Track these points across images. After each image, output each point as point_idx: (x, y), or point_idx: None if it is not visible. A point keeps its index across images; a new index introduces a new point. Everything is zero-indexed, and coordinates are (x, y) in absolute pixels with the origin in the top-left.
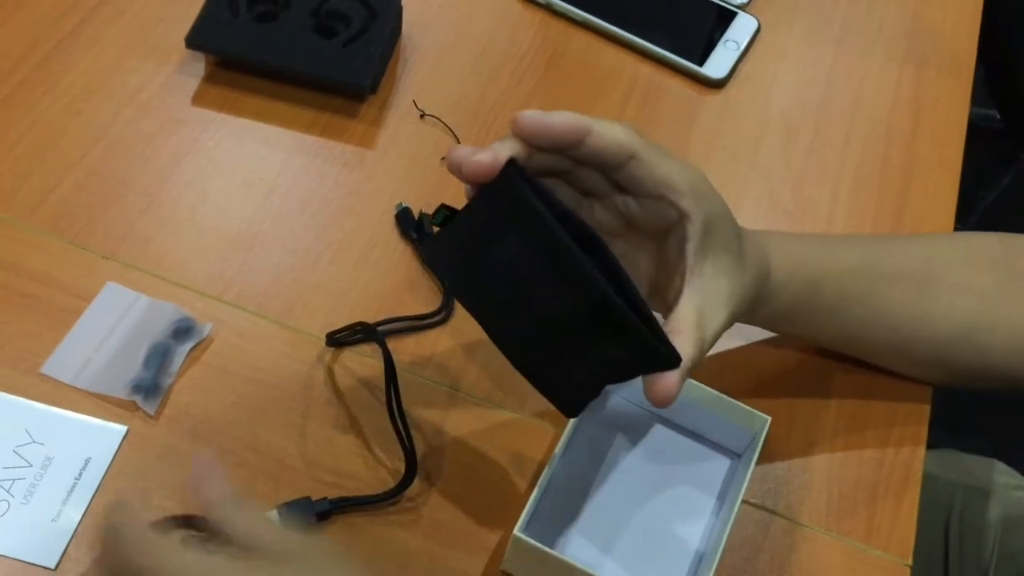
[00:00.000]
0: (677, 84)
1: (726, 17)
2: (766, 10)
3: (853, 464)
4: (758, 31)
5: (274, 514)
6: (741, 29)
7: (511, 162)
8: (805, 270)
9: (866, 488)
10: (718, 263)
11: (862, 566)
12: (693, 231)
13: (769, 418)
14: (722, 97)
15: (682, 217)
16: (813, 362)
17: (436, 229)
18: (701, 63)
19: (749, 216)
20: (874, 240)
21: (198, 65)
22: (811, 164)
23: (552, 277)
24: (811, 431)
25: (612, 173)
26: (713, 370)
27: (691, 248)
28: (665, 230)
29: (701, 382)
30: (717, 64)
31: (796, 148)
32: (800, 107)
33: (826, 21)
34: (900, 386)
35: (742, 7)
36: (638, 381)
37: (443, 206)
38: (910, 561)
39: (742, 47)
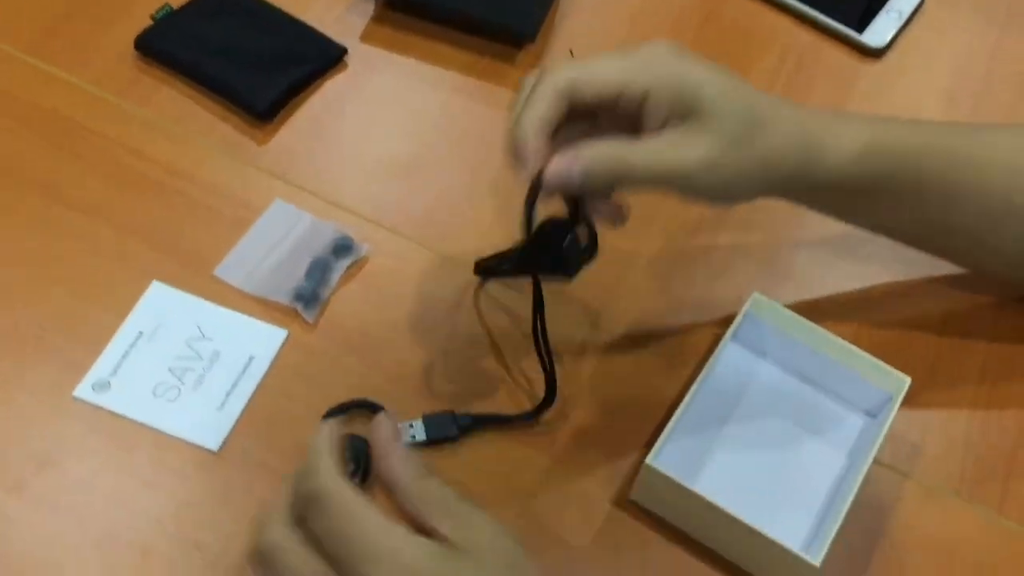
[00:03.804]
0: (834, 51)
1: None
2: None
3: (993, 431)
4: (921, 3)
5: (419, 423)
6: None
7: None
8: (886, 146)
9: (1004, 457)
10: (678, 127)
11: (993, 536)
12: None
13: (909, 379)
14: (880, 67)
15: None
16: (960, 322)
17: None
18: (861, 30)
19: None
20: (963, 125)
21: (367, 6)
22: None
23: None
24: (952, 393)
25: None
26: (854, 325)
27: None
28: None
29: (838, 333)
30: (878, 32)
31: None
32: (961, 82)
33: (992, 2)
34: None
35: None
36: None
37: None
38: None
39: (904, 16)
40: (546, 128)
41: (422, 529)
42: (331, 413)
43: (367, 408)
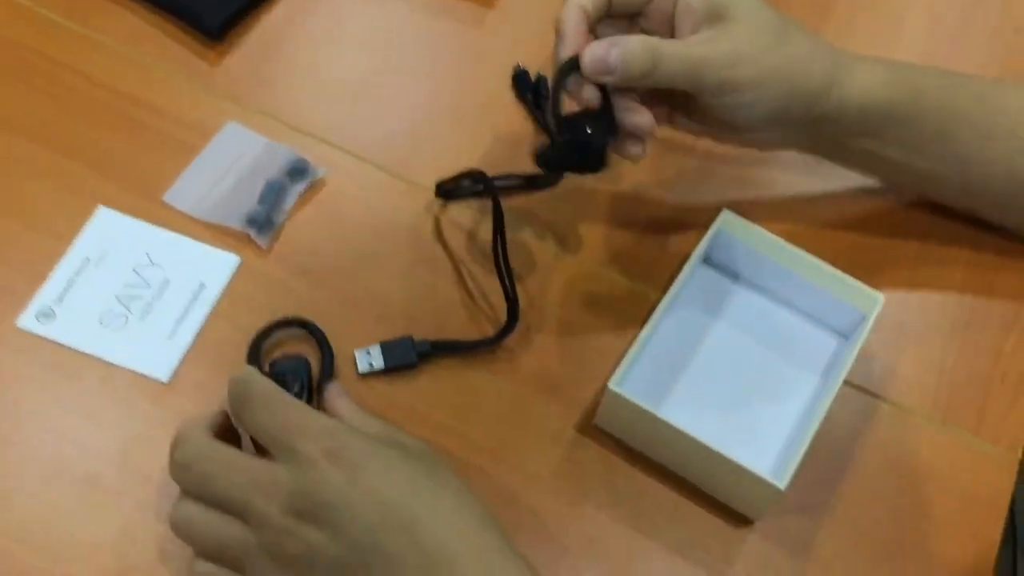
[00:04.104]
0: None
1: None
2: None
3: (969, 353)
4: None
5: (377, 350)
6: None
7: None
8: (910, 79)
9: (980, 379)
10: (708, 27)
11: (968, 457)
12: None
13: (882, 296)
14: None
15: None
16: (938, 241)
17: None
18: None
19: None
20: (989, 80)
21: None
22: (953, 62)
23: None
24: (927, 315)
25: None
26: (827, 245)
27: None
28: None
29: (813, 254)
30: None
31: (939, 43)
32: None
33: None
34: None
35: None
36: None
37: None
38: (1020, 455)
39: None
40: (586, 17)
41: None
42: (262, 334)
43: (299, 327)
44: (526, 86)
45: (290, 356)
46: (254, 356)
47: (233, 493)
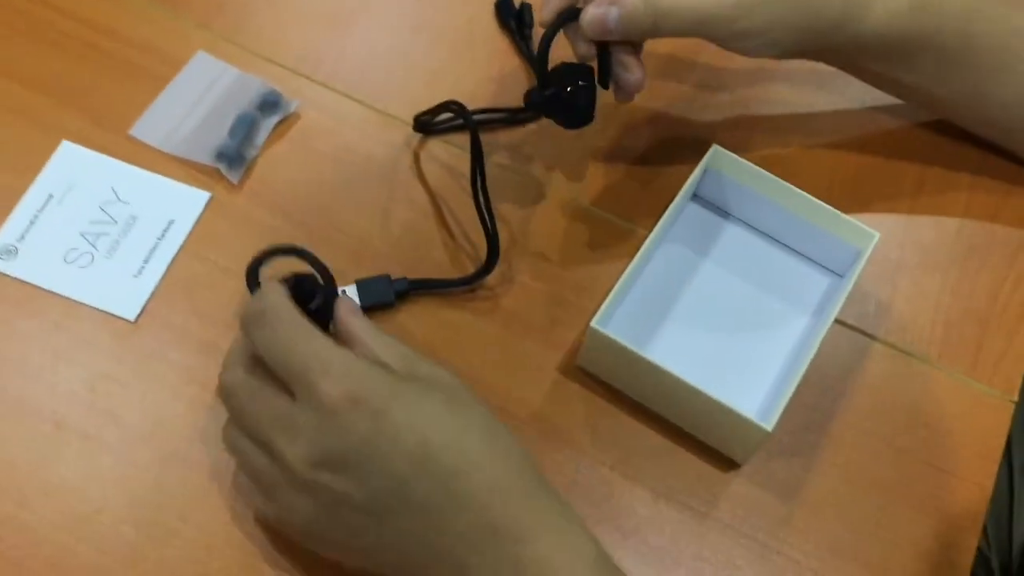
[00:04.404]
0: None
1: None
2: None
3: (965, 294)
4: None
5: (352, 289)
6: None
7: None
8: (929, 8)
9: (976, 320)
10: None
11: (963, 399)
12: None
13: (877, 234)
14: None
15: None
16: (938, 173)
17: None
18: None
19: None
20: None
21: None
22: None
23: None
24: (925, 253)
25: None
26: (822, 187)
27: None
28: None
29: (810, 177)
30: None
31: None
32: None
33: None
34: None
35: None
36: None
37: None
38: (1015, 397)
39: None
40: None
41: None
42: (257, 260)
43: (294, 255)
44: (509, 13)
45: (300, 275)
46: (253, 281)
47: (258, 430)
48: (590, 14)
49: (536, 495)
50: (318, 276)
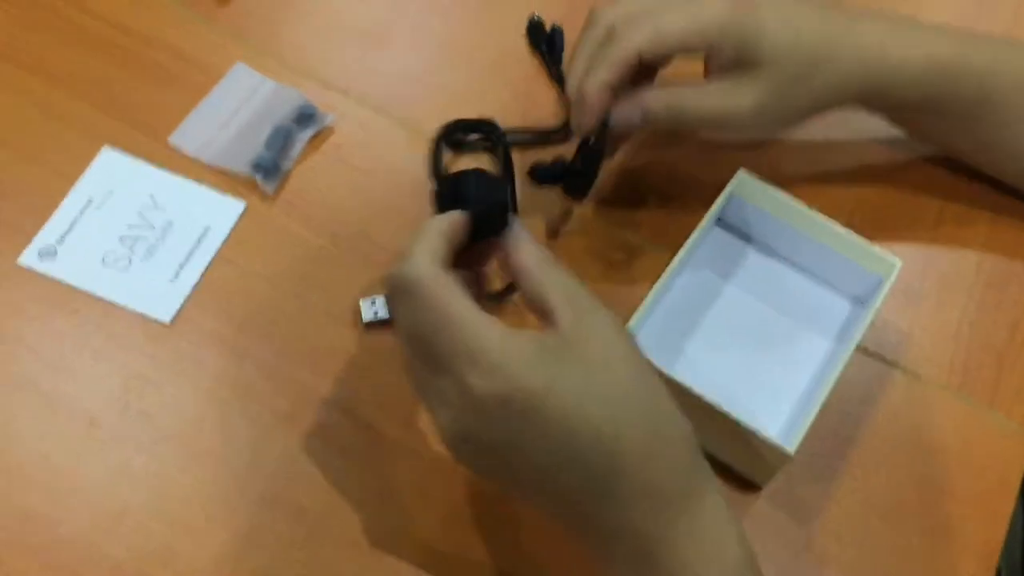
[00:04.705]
0: None
1: None
2: None
3: (986, 324)
4: None
5: (382, 300)
6: None
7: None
8: (948, 65)
9: (995, 351)
10: (735, 75)
11: (981, 429)
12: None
13: (900, 262)
14: None
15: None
16: (961, 199)
17: None
18: None
19: None
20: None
21: None
22: (981, 25)
23: None
24: (945, 284)
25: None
26: (844, 216)
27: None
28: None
29: (833, 207)
30: None
31: (966, 5)
32: None
33: None
34: None
35: None
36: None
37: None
38: None
39: None
40: (609, 94)
41: (542, 313)
42: (444, 133)
43: (483, 130)
44: (540, 37)
45: (468, 173)
46: (437, 160)
47: (414, 383)
48: (616, 117)
49: (685, 495)
50: (495, 178)
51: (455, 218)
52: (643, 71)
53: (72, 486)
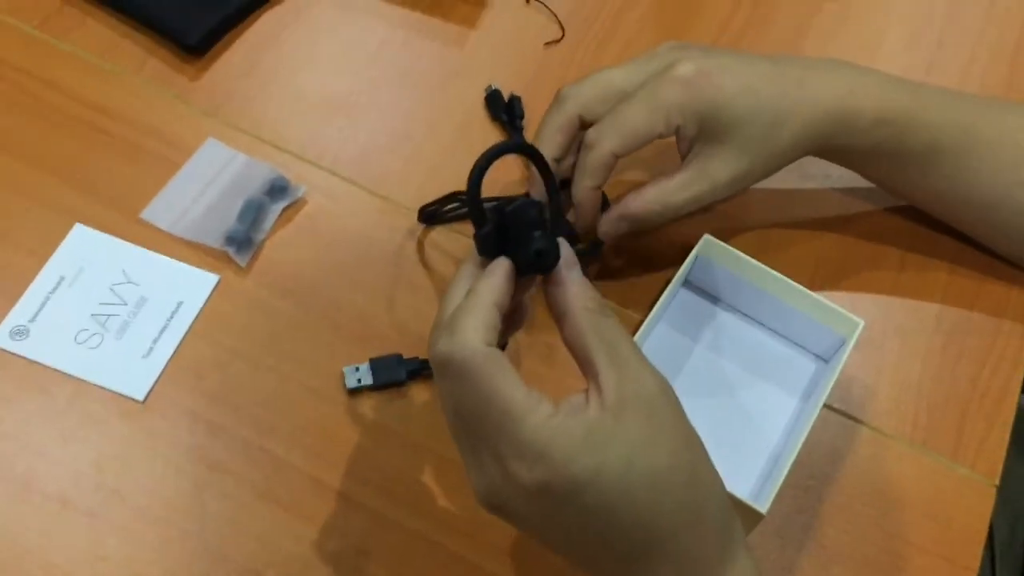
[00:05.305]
0: None
1: None
2: None
3: (947, 378)
4: None
5: (366, 367)
6: None
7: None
8: (898, 118)
9: (958, 404)
10: (705, 151)
11: (946, 482)
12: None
13: (862, 322)
14: (839, 5)
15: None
16: (917, 264)
17: None
18: None
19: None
20: (976, 101)
21: None
22: (932, 77)
23: None
24: (906, 339)
25: None
26: (808, 267)
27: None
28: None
29: (792, 279)
30: None
31: (918, 58)
32: (921, 27)
33: None
34: (1007, 300)
35: None
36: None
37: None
38: (997, 482)
39: None
40: (599, 193)
41: (583, 365)
42: (485, 162)
43: (524, 153)
44: (499, 106)
45: (513, 203)
46: (476, 198)
47: (455, 441)
48: (604, 228)
49: (718, 560)
50: (538, 203)
51: (504, 281)
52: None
53: (45, 568)
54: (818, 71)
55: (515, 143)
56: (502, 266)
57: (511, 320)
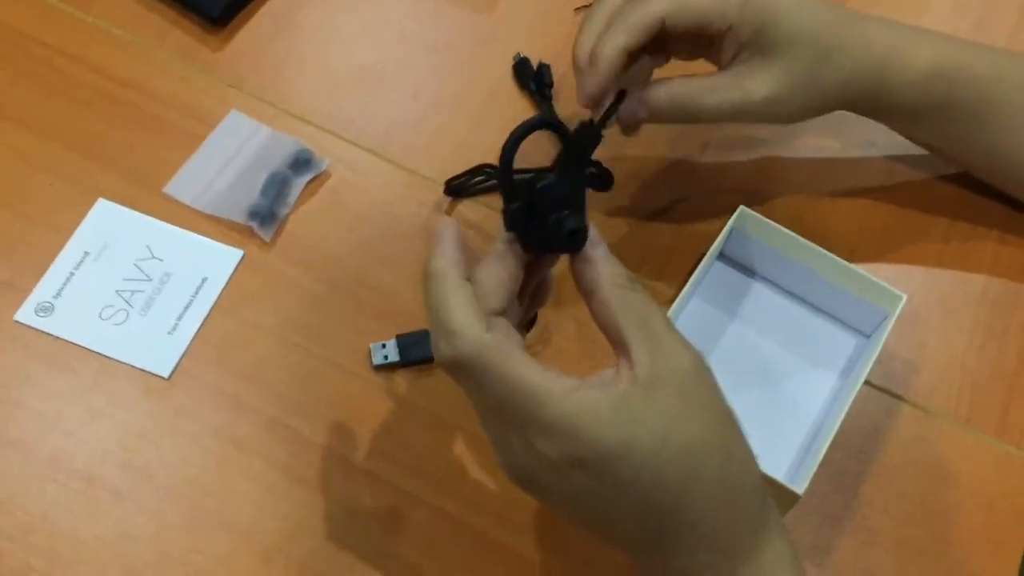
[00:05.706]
0: None
1: None
2: None
3: (992, 354)
4: None
5: (392, 344)
6: None
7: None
8: (951, 71)
9: (1004, 381)
10: (750, 61)
11: (992, 461)
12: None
13: (905, 296)
14: None
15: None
16: (963, 234)
17: None
18: None
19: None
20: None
21: None
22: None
23: None
24: (952, 310)
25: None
26: (849, 239)
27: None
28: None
29: (831, 251)
30: None
31: (966, 19)
32: None
33: None
34: None
35: None
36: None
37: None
38: None
39: None
40: (625, 59)
41: (615, 343)
42: (514, 141)
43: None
44: (528, 75)
45: (536, 183)
46: (508, 172)
47: (481, 424)
48: (625, 114)
49: (752, 543)
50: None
51: (511, 269)
52: (640, 72)
53: (73, 547)
54: (871, 20)
55: (548, 119)
56: (507, 258)
57: (536, 296)
